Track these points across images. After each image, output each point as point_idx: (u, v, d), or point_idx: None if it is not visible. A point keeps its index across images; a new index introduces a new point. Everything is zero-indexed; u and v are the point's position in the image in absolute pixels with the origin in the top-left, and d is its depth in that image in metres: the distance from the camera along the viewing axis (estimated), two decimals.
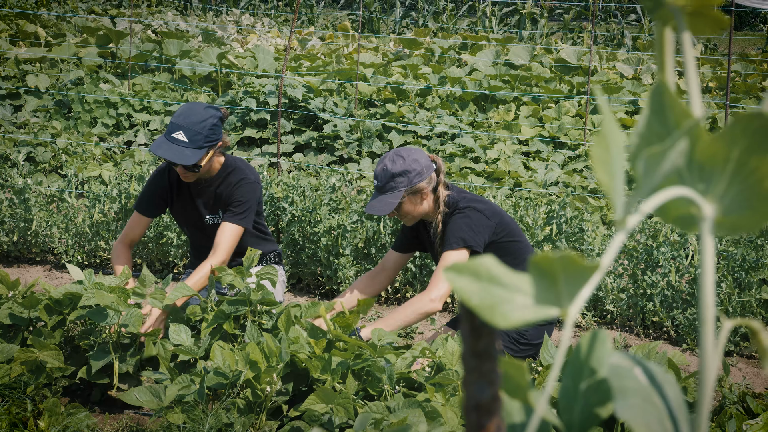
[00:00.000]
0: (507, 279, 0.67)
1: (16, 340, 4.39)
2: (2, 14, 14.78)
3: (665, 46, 0.73)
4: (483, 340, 0.70)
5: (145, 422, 4.25)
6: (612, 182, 0.68)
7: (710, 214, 0.70)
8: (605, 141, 0.68)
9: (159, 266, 6.85)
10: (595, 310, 6.14)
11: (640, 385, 0.71)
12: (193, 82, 11.34)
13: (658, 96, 0.69)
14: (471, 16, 19.89)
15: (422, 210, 4.54)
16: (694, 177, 0.70)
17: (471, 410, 0.71)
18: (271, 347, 3.83)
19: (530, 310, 0.66)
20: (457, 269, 0.67)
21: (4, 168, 7.22)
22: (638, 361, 0.74)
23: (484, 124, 10.22)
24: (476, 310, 0.65)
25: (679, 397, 0.72)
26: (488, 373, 0.70)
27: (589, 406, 0.73)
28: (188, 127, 4.75)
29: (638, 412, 0.68)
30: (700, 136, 0.67)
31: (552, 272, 0.65)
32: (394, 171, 4.43)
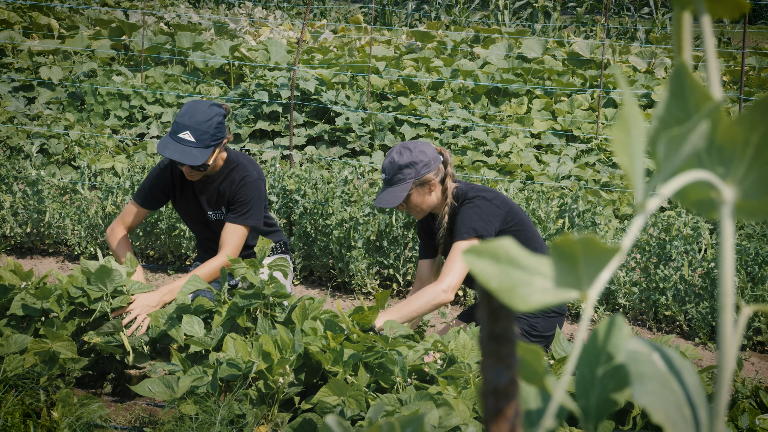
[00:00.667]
0: (526, 262, 0.66)
1: (29, 330, 4.41)
2: (16, 6, 14.81)
3: (683, 30, 0.73)
4: (501, 323, 0.70)
5: (157, 413, 4.27)
6: (632, 165, 0.67)
7: (730, 198, 0.69)
8: (626, 124, 0.67)
9: (171, 258, 6.87)
10: (607, 303, 6.13)
11: (658, 370, 0.70)
12: (205, 75, 11.35)
13: (679, 79, 0.69)
14: (483, 10, 19.85)
15: (430, 202, 4.54)
16: (713, 161, 0.69)
17: (489, 394, 0.71)
18: (284, 339, 3.83)
19: (550, 292, 0.65)
20: (476, 252, 0.67)
21: (18, 160, 7.24)
22: (656, 347, 0.74)
23: (497, 118, 10.20)
24: (495, 292, 0.65)
25: (697, 383, 0.72)
26: (506, 357, 0.70)
27: (606, 391, 0.72)
28: (194, 126, 4.73)
29: (656, 397, 0.68)
30: (720, 120, 0.67)
31: (573, 255, 0.65)
32: (402, 163, 4.44)
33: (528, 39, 12.76)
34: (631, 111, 0.68)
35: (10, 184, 7.02)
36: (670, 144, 0.67)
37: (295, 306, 4.23)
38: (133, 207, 5.07)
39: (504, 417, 0.70)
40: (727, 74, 12.23)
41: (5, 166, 7.11)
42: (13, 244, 6.99)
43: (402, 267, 6.37)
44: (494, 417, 0.70)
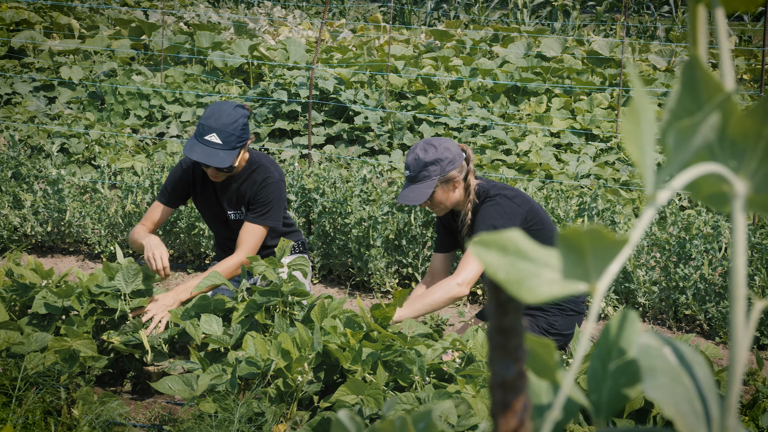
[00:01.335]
0: (535, 253, 0.66)
1: (50, 329, 4.44)
2: (37, 6, 14.88)
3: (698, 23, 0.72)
4: (509, 316, 0.70)
5: (177, 411, 4.29)
6: (642, 157, 0.67)
7: (742, 191, 0.69)
8: (636, 115, 0.67)
9: (191, 257, 6.89)
10: (627, 303, 6.11)
11: (669, 364, 0.70)
12: (224, 74, 11.38)
13: (691, 71, 0.68)
14: (503, 8, 19.82)
15: (454, 199, 4.54)
16: (726, 153, 0.69)
17: (497, 388, 0.71)
18: (304, 337, 3.84)
19: (558, 284, 0.65)
20: (484, 243, 0.67)
21: (39, 159, 7.28)
22: (668, 341, 0.74)
23: (516, 116, 10.19)
24: (503, 284, 0.65)
25: (709, 378, 0.72)
26: (514, 350, 0.70)
27: (618, 386, 0.72)
28: (221, 129, 4.74)
29: (667, 391, 0.68)
30: (732, 112, 0.67)
31: (580, 246, 0.65)
32: (427, 160, 4.43)
33: (547, 38, 12.73)
34: (642, 103, 0.68)
35: (31, 184, 7.06)
36: (680, 136, 0.67)
37: (313, 304, 4.24)
38: (157, 206, 5.08)
39: (512, 410, 0.70)
40: (748, 72, 12.17)
41: (26, 166, 7.15)
42: (34, 243, 7.03)
43: (421, 266, 6.37)
44: (503, 410, 0.70)
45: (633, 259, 5.97)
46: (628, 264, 5.95)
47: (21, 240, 6.95)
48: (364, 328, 3.98)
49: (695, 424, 0.67)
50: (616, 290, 6.04)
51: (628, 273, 5.99)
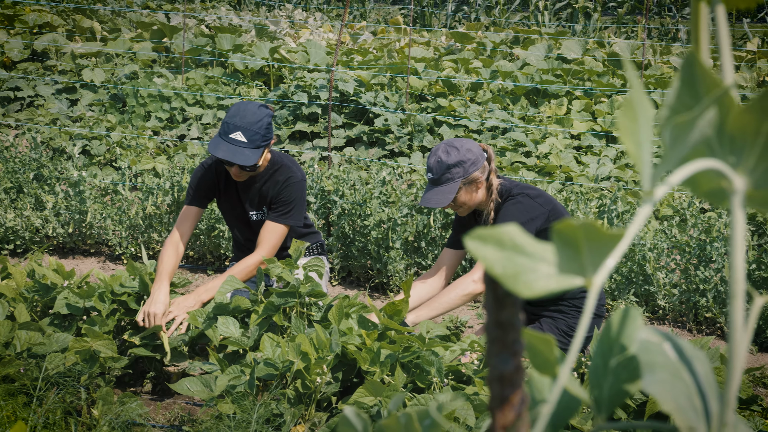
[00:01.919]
0: (531, 248, 0.67)
1: (71, 329, 4.47)
2: (60, 10, 14.98)
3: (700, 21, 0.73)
4: (506, 310, 0.70)
5: (196, 412, 4.30)
6: (639, 152, 0.67)
7: (741, 187, 0.69)
8: (633, 111, 0.67)
9: (211, 258, 6.92)
10: (647, 305, 6.09)
11: (668, 360, 0.70)
12: (245, 77, 11.41)
13: (689, 67, 0.69)
14: (523, 11, 19.80)
15: (477, 199, 4.54)
16: (725, 149, 0.69)
17: (494, 381, 0.71)
18: (322, 339, 3.85)
19: (554, 279, 0.65)
20: (481, 238, 0.67)
21: (60, 161, 7.33)
22: (668, 336, 0.74)
23: (536, 119, 10.17)
24: (500, 278, 0.65)
25: (709, 373, 0.72)
26: (511, 344, 0.70)
27: (619, 382, 0.72)
28: (246, 127, 4.74)
29: (666, 386, 0.68)
30: (730, 108, 0.67)
31: (575, 241, 0.65)
32: (450, 162, 4.42)
33: (568, 40, 12.71)
34: (638, 97, 0.68)
35: (53, 185, 7.10)
36: (677, 131, 0.67)
37: (331, 305, 4.25)
38: (186, 210, 5.04)
39: (510, 404, 0.70)
40: None
41: (48, 167, 7.20)
42: (55, 244, 7.07)
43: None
44: (500, 404, 0.70)
45: (653, 262, 5.95)
46: (648, 266, 5.93)
47: (43, 241, 6.99)
48: (379, 328, 3.99)
49: (694, 420, 0.68)
50: (636, 293, 6.02)
51: (648, 275, 5.97)
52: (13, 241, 6.88)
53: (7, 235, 6.85)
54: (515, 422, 0.70)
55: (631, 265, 6.00)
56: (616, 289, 6.01)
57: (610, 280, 6.05)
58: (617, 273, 6.03)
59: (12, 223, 6.79)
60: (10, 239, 6.87)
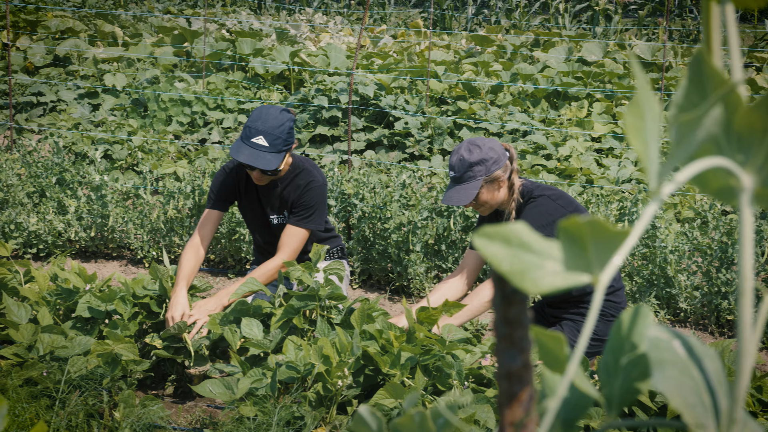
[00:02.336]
0: (538, 245, 0.67)
1: (94, 332, 4.50)
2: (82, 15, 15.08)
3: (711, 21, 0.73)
4: (514, 307, 0.71)
5: (217, 415, 4.32)
6: (646, 151, 0.68)
7: (749, 185, 0.70)
8: (639, 109, 0.68)
9: (231, 262, 6.94)
10: (668, 308, 6.07)
11: (678, 357, 0.71)
12: (265, 81, 11.45)
13: (697, 65, 0.69)
14: (544, 13, 19.77)
15: (499, 198, 4.53)
16: (733, 148, 0.69)
17: (502, 378, 0.72)
18: (343, 342, 3.86)
19: (561, 276, 0.66)
20: (488, 235, 0.68)
21: (82, 165, 7.37)
22: (678, 334, 0.74)
23: (556, 121, 10.15)
24: (507, 275, 0.66)
25: (719, 370, 0.72)
26: (519, 340, 0.71)
27: (630, 380, 0.73)
28: (268, 131, 4.75)
29: (675, 383, 0.68)
30: (738, 106, 0.67)
31: (581, 238, 0.66)
32: (472, 160, 4.41)
33: (588, 42, 12.68)
34: (645, 96, 0.68)
35: (75, 189, 7.15)
36: (683, 129, 0.67)
37: (352, 309, 4.26)
38: (207, 214, 5.05)
39: (518, 401, 0.71)
40: None
41: (70, 172, 7.25)
42: (78, 248, 7.11)
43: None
44: (508, 401, 0.71)
45: (674, 264, 5.93)
46: (670, 269, 5.92)
47: (65, 245, 7.04)
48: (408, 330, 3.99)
49: (703, 416, 0.68)
50: (658, 295, 6.00)
51: (670, 278, 5.95)
52: (36, 245, 6.93)
53: (30, 239, 6.90)
54: (523, 419, 0.71)
55: (652, 268, 5.98)
56: (637, 291, 5.99)
57: (631, 282, 6.03)
58: (638, 276, 6.02)
59: (35, 227, 6.84)
60: (33, 243, 6.92)
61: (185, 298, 4.59)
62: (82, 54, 12.46)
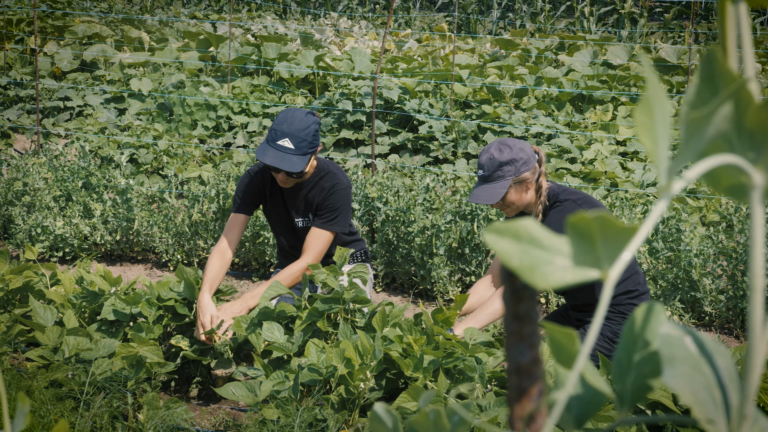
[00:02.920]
0: (548, 241, 0.67)
1: (118, 335, 4.52)
2: (108, 20, 15.18)
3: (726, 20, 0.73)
4: (524, 303, 0.71)
5: (240, 417, 4.34)
6: (656, 149, 0.68)
7: (760, 182, 0.70)
8: (649, 106, 0.68)
9: (256, 265, 6.96)
10: (693, 311, 6.04)
11: (689, 353, 0.71)
12: (290, 85, 11.48)
13: (709, 64, 0.69)
14: (569, 17, 19.72)
15: (526, 200, 4.51)
16: (744, 145, 0.69)
17: (512, 373, 0.72)
18: (365, 345, 3.87)
19: (570, 271, 0.66)
20: (498, 231, 0.68)
21: (108, 169, 7.42)
22: (689, 331, 0.74)
23: (581, 125, 10.13)
24: (516, 271, 0.66)
25: (730, 367, 0.72)
26: (529, 336, 0.71)
27: (642, 376, 0.73)
28: (293, 134, 4.76)
29: (686, 380, 0.68)
30: (749, 103, 0.67)
31: (589, 233, 0.66)
32: (502, 160, 4.38)
33: (613, 45, 12.64)
34: (655, 93, 0.68)
35: (101, 193, 7.20)
36: (692, 126, 0.67)
37: (375, 312, 4.27)
38: (233, 218, 5.05)
39: (528, 396, 0.71)
40: None
41: (96, 176, 7.30)
42: (103, 251, 7.16)
43: (484, 273, 6.36)
44: (518, 396, 0.71)
45: (699, 268, 5.90)
46: (694, 273, 5.89)
47: (91, 249, 7.08)
48: (425, 330, 4.00)
49: (714, 412, 0.68)
50: (682, 299, 5.97)
51: (695, 282, 5.92)
52: (62, 249, 6.98)
53: (57, 242, 6.95)
54: (533, 414, 0.71)
55: (677, 272, 5.96)
56: (662, 295, 5.97)
57: (656, 286, 6.00)
58: (663, 279, 5.99)
59: (61, 231, 6.89)
60: (60, 247, 6.97)
61: (211, 302, 4.62)
62: (109, 59, 12.54)
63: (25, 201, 7.16)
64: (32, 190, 7.21)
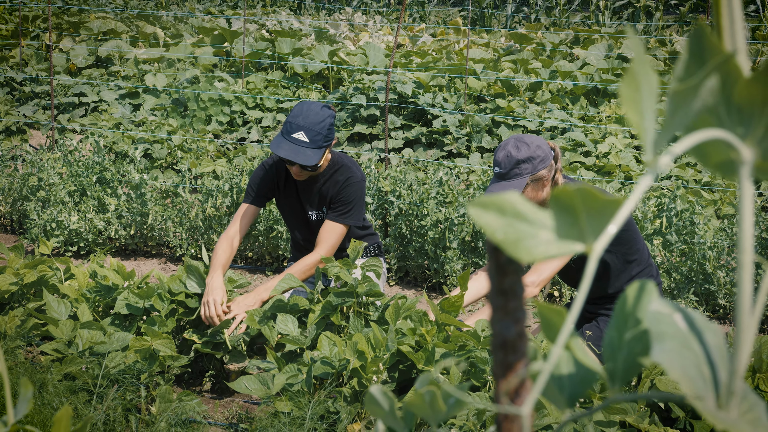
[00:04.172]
0: (532, 215, 0.67)
1: (132, 329, 4.54)
2: (124, 16, 15.22)
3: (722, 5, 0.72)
4: (509, 277, 0.71)
5: (253, 410, 4.35)
6: (642, 122, 0.67)
7: (749, 158, 0.69)
8: (635, 80, 0.67)
9: (269, 259, 6.97)
10: (707, 304, 6.01)
11: (678, 330, 0.70)
12: (304, 80, 11.49)
13: (698, 39, 0.68)
14: (584, 11, 19.66)
15: (541, 198, 4.47)
16: (733, 120, 0.69)
17: (497, 348, 0.72)
18: (378, 338, 3.87)
19: (554, 245, 0.66)
20: (482, 205, 0.68)
21: (123, 164, 7.45)
22: (679, 308, 0.74)
23: (596, 118, 10.09)
24: (501, 245, 0.66)
25: (720, 344, 0.72)
26: (514, 311, 0.71)
27: (633, 355, 0.73)
28: (308, 127, 4.77)
29: (674, 356, 0.68)
30: (738, 78, 0.66)
31: (572, 206, 0.65)
32: (519, 157, 4.33)
33: (628, 38, 12.60)
34: (641, 67, 0.68)
35: (115, 188, 7.22)
36: (677, 99, 0.67)
37: (387, 305, 4.26)
38: (244, 208, 5.08)
39: (513, 371, 0.71)
40: None
41: (111, 171, 7.32)
42: (118, 246, 7.18)
43: None
44: (503, 371, 0.71)
45: (713, 261, 5.88)
46: (708, 265, 5.86)
47: (105, 243, 7.11)
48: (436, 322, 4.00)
49: (702, 388, 0.68)
50: (696, 292, 5.95)
51: (709, 274, 5.90)
52: (76, 243, 7.01)
53: (71, 237, 6.97)
54: (519, 389, 0.71)
55: (690, 264, 5.93)
56: (675, 288, 5.95)
57: (670, 279, 5.98)
58: (677, 272, 5.97)
59: (76, 226, 6.92)
60: (74, 241, 7.00)
61: (221, 283, 4.62)
62: (124, 55, 12.57)
63: (40, 196, 7.19)
64: (47, 185, 7.24)
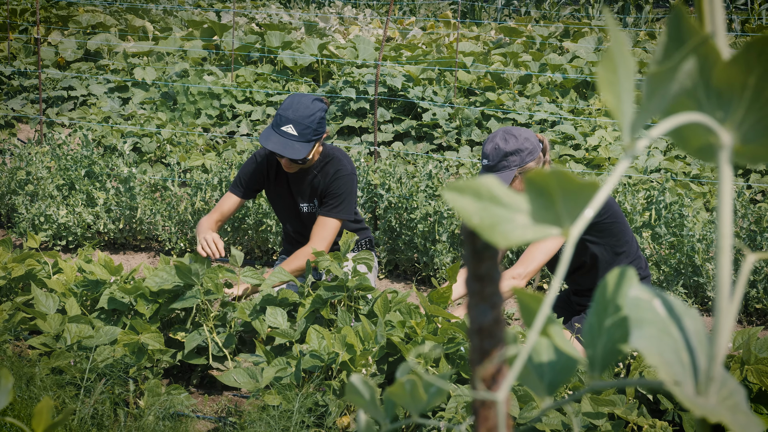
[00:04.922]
0: (508, 199, 0.66)
1: (119, 323, 4.52)
2: (112, 10, 15.16)
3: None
4: (485, 263, 0.70)
5: (242, 403, 4.34)
6: (619, 104, 0.67)
7: (728, 142, 0.68)
8: (612, 62, 0.66)
9: (259, 253, 6.96)
10: (696, 297, 6.02)
11: (657, 316, 0.70)
12: (294, 73, 11.47)
13: (676, 22, 0.68)
14: (574, 4, 19.66)
15: None
16: (712, 104, 0.68)
17: (474, 334, 0.71)
18: (367, 330, 3.86)
19: (530, 229, 0.65)
20: (458, 189, 0.67)
21: (111, 158, 7.42)
22: (658, 294, 0.73)
23: (585, 111, 10.10)
24: (477, 229, 0.65)
25: (700, 330, 0.71)
26: (490, 296, 0.70)
27: (612, 341, 0.72)
28: (298, 120, 4.75)
29: (653, 341, 0.67)
30: (716, 61, 0.66)
31: (548, 190, 0.65)
32: (507, 150, 4.33)
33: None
34: (619, 49, 0.67)
35: (104, 182, 7.20)
36: (654, 82, 0.66)
37: (377, 298, 4.26)
38: (229, 197, 5.09)
39: (489, 357, 0.70)
40: None
41: (99, 165, 7.29)
42: (106, 240, 7.16)
43: None
44: (480, 357, 0.70)
45: (702, 253, 5.89)
46: (697, 258, 5.87)
47: (94, 237, 7.09)
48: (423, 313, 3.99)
49: (680, 374, 0.67)
50: (685, 284, 5.96)
51: (697, 267, 5.91)
52: (65, 237, 6.99)
53: (60, 231, 6.95)
54: (495, 375, 0.70)
55: (679, 257, 5.94)
56: (664, 280, 5.95)
57: (659, 271, 5.99)
58: (666, 265, 5.97)
59: (64, 220, 6.89)
60: (63, 235, 6.97)
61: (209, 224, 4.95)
62: (113, 48, 12.53)
63: (29, 190, 7.16)
64: (35, 179, 7.21)
